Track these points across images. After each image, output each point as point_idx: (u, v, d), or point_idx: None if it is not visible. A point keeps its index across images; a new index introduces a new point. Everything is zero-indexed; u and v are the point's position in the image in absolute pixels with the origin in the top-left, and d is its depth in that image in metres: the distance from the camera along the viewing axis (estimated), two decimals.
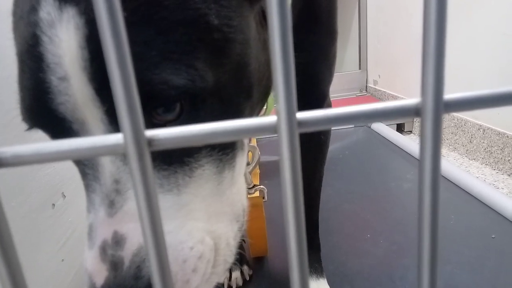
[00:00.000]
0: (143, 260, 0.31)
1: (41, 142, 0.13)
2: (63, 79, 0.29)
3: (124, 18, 0.30)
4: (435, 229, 0.14)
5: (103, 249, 0.31)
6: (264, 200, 0.79)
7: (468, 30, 1.42)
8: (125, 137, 0.13)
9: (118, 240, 0.31)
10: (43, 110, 0.31)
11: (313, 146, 0.70)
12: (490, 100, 0.13)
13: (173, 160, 0.33)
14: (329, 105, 0.70)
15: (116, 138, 0.13)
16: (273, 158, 1.50)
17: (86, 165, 0.32)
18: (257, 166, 0.86)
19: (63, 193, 0.80)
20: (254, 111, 0.40)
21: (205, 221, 0.34)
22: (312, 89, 0.62)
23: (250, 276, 0.87)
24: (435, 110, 0.13)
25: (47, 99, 0.30)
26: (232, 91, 0.34)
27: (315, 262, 0.77)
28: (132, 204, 0.31)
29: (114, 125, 0.30)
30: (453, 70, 1.48)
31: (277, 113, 0.13)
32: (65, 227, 0.79)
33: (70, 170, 0.83)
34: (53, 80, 0.29)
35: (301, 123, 0.13)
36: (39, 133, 0.35)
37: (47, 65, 0.29)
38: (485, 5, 1.33)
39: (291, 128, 0.13)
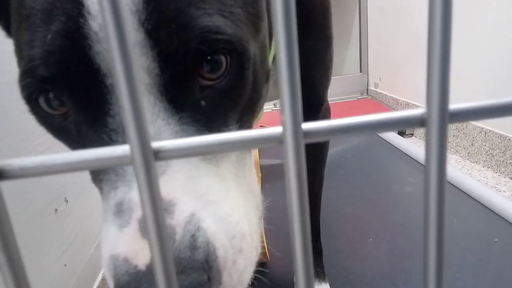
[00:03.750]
0: (197, 228, 0.27)
1: (46, 155, 0.13)
2: None
3: None
4: (441, 240, 0.14)
5: (144, 222, 0.27)
6: None
7: (470, 33, 1.42)
8: (131, 149, 0.13)
9: (165, 208, 0.26)
10: (75, 58, 0.28)
11: (312, 150, 0.70)
12: (495, 110, 0.13)
13: (213, 127, 0.32)
14: (327, 109, 0.70)
15: (122, 149, 0.13)
16: (275, 161, 1.51)
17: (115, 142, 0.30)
18: (258, 170, 0.86)
19: (65, 198, 0.80)
20: (262, 104, 0.42)
21: (239, 199, 0.32)
22: (308, 93, 0.62)
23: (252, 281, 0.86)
24: (440, 120, 0.13)
25: (83, 46, 0.28)
26: (259, 69, 0.35)
27: (317, 267, 0.77)
28: (178, 169, 0.28)
29: (158, 75, 0.29)
30: (454, 73, 1.48)
31: (283, 123, 0.13)
32: (67, 232, 0.79)
33: (73, 175, 0.84)
34: (94, 26, 0.27)
35: (307, 133, 0.13)
36: (39, 140, 0.35)
37: (88, 12, 0.27)
38: (487, 8, 1.33)
39: (297, 139, 0.13)
